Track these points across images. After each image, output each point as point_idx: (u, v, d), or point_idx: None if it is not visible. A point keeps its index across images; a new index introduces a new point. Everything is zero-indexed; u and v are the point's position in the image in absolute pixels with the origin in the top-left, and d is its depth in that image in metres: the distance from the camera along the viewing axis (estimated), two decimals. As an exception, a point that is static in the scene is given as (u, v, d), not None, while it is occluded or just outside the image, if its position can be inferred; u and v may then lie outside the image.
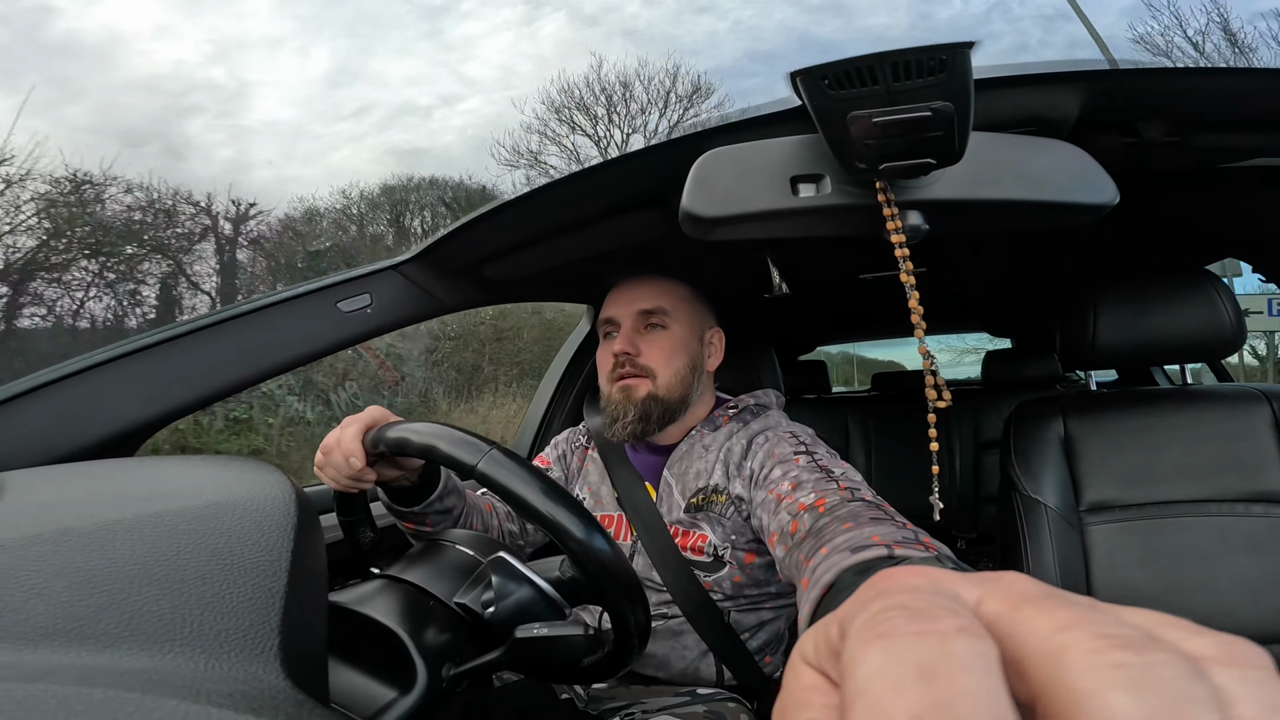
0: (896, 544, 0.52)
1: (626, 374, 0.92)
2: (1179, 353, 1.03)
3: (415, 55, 23.13)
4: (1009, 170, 0.51)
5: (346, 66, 20.72)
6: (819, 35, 22.73)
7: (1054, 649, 0.13)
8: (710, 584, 0.88)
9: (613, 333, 0.97)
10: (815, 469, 0.77)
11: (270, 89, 18.08)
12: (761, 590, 0.90)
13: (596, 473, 1.01)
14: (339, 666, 0.49)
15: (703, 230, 0.55)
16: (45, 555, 0.28)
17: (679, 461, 0.94)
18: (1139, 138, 0.66)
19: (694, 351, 0.96)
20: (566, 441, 1.10)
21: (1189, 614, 0.69)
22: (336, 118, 18.51)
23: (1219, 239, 1.16)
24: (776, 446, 0.86)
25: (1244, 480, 0.98)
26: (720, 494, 0.89)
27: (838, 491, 0.70)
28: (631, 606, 0.58)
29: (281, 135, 16.45)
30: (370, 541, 0.70)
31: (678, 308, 0.96)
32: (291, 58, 17.07)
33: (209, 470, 0.40)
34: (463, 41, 23.28)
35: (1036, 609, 0.14)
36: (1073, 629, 0.14)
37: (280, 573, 0.30)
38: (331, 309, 0.85)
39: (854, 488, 0.71)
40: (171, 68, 14.85)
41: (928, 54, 0.41)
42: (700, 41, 21.84)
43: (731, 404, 0.98)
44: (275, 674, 0.26)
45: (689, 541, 0.90)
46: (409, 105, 21.98)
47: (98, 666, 0.23)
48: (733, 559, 0.88)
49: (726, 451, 0.91)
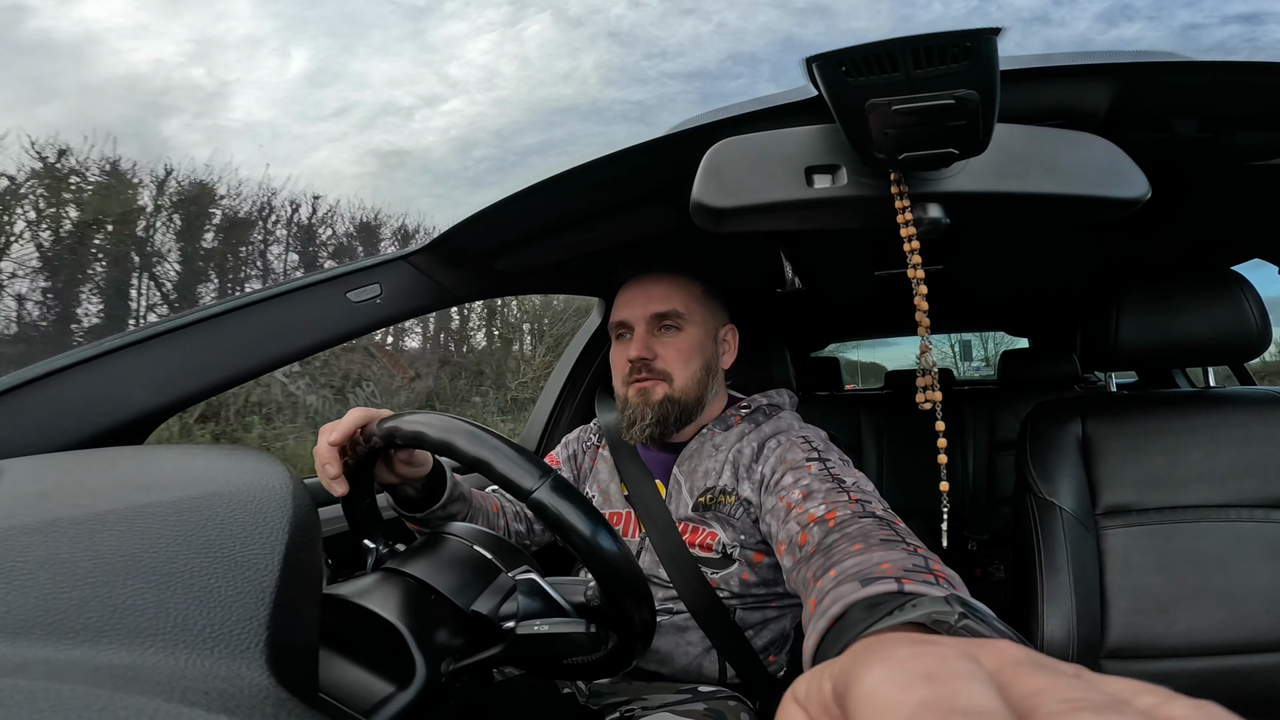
0: (906, 575, 0.50)
1: (643, 378, 0.92)
2: (1203, 354, 1.00)
3: (398, 55, 23.12)
4: (1035, 163, 0.50)
5: (327, 66, 20.70)
6: (802, 37, 22.60)
7: (1024, 711, 0.15)
8: (717, 581, 0.88)
9: (625, 335, 0.96)
10: (827, 477, 0.76)
11: (250, 89, 18.06)
12: (769, 589, 0.89)
13: (606, 471, 1.01)
14: (337, 659, 0.48)
15: (714, 222, 0.53)
16: (32, 545, 0.27)
17: (688, 460, 0.94)
18: (1171, 133, 0.63)
19: (709, 351, 0.95)
20: (577, 441, 1.10)
21: (1204, 620, 0.67)
22: (317, 118, 18.49)
23: (1246, 239, 1.13)
24: (789, 452, 0.84)
25: (1265, 485, 0.95)
26: (729, 495, 0.88)
27: (849, 504, 0.69)
28: (637, 605, 0.57)
29: (260, 136, 16.43)
30: (366, 511, 0.69)
31: (691, 308, 0.94)
32: (272, 57, 17.05)
33: (209, 460, 0.39)
34: (446, 42, 23.28)
35: (1018, 673, 0.16)
36: (1044, 693, 0.15)
37: (272, 567, 0.30)
38: (341, 299, 0.85)
39: (865, 500, 0.70)
40: (150, 67, 14.83)
41: (952, 40, 0.39)
42: (684, 43, 21.74)
43: (744, 403, 0.97)
44: (259, 671, 0.25)
45: (698, 538, 0.89)
46: (391, 106, 21.92)
47: (73, 661, 0.22)
48: (741, 557, 0.87)
49: (736, 453, 0.90)
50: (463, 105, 21.66)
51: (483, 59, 21.91)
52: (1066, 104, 0.59)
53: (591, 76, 35.50)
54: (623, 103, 36.03)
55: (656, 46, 30.45)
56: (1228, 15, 31.75)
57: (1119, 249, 1.21)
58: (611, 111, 34.95)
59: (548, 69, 27.30)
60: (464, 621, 0.54)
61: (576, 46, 27.42)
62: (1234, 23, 26.18)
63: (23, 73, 11.88)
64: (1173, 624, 0.92)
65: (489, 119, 24.66)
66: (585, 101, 33.84)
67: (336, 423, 0.67)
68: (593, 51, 27.70)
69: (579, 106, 33.20)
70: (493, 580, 0.57)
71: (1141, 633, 0.93)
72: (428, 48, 22.28)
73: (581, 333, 1.55)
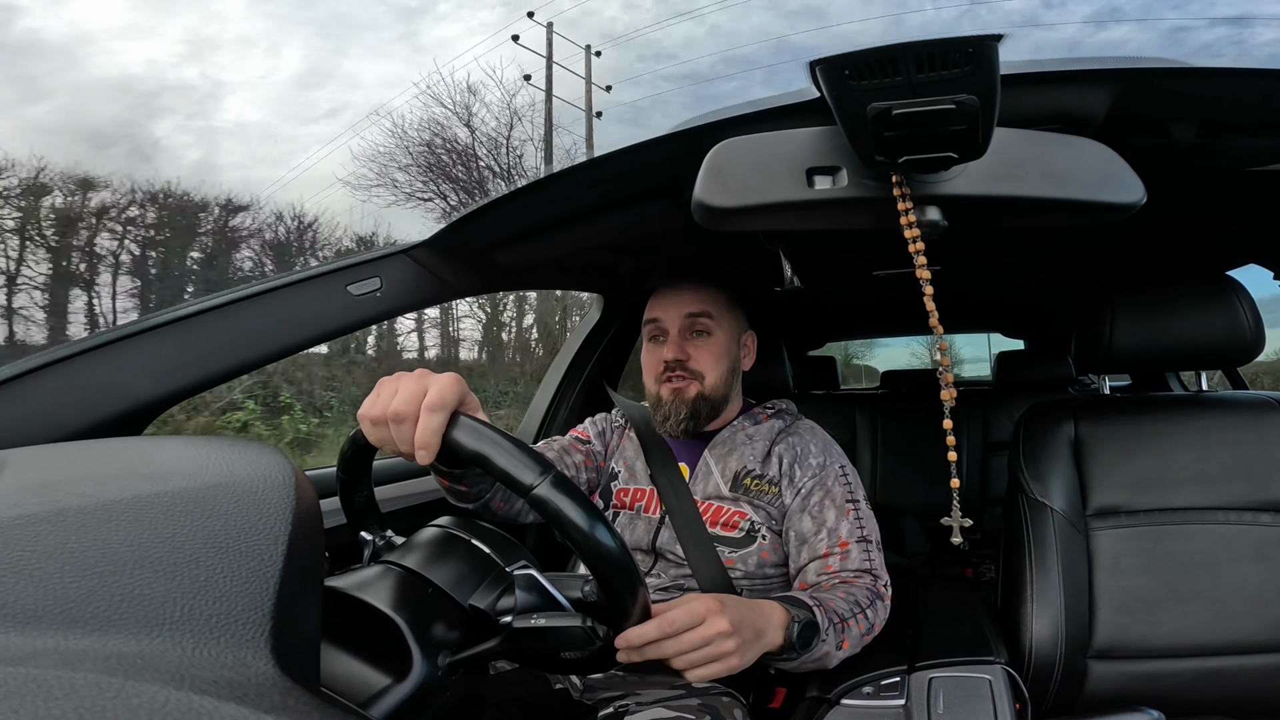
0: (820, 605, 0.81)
1: (676, 376, 1.00)
2: (1197, 358, 1.01)
3: (390, 57, 22.89)
4: (1033, 167, 0.50)
5: (319, 67, 20.41)
6: (794, 40, 22.61)
7: None
8: (733, 560, 0.95)
9: (659, 335, 1.04)
10: (857, 530, 0.93)
11: (242, 90, 17.70)
12: (779, 570, 0.96)
13: (632, 449, 1.08)
14: (335, 651, 0.48)
15: (715, 221, 0.54)
16: (39, 535, 0.27)
17: (721, 445, 1.03)
18: (1169, 138, 0.64)
19: (734, 354, 1.05)
20: (605, 420, 1.17)
21: (1190, 621, 0.69)
22: (308, 119, 18.14)
23: (1242, 244, 1.14)
24: (834, 487, 0.97)
25: (1254, 488, 0.96)
26: (765, 481, 0.99)
27: (855, 563, 0.91)
28: (634, 601, 0.57)
29: (250, 138, 16.11)
30: (363, 502, 0.69)
31: (720, 312, 1.03)
32: (263, 58, 16.72)
33: (211, 451, 0.40)
34: (439, 44, 23.06)
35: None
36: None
37: (276, 557, 0.30)
38: (342, 292, 0.85)
39: (866, 561, 0.92)
40: (144, 68, 14.50)
41: (953, 45, 0.40)
42: (678, 45, 21.67)
43: (768, 404, 1.09)
44: (265, 660, 0.25)
45: (724, 517, 0.97)
46: (382, 107, 21.60)
47: (84, 650, 0.22)
48: (765, 536, 0.96)
49: (774, 446, 1.01)
50: (455, 106, 21.37)
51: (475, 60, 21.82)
52: (1065, 109, 0.59)
53: (585, 79, 35.01)
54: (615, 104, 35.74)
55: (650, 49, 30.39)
56: (1215, 18, 31.88)
57: (1115, 253, 1.22)
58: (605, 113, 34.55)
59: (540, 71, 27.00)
60: (461, 615, 0.55)
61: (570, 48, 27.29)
62: (1221, 25, 26.43)
63: (12, 73, 11.62)
64: (1159, 625, 0.93)
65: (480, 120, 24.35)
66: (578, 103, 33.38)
67: (441, 396, 0.55)
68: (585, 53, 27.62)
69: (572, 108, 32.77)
70: (490, 574, 0.58)
71: (1129, 633, 0.94)
72: (420, 49, 22.10)
73: (579, 329, 1.55)
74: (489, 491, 0.86)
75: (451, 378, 0.58)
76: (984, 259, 1.33)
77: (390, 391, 0.58)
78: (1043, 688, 0.93)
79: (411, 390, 0.56)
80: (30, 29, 12.59)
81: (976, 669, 0.81)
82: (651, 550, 0.99)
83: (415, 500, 1.18)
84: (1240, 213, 0.96)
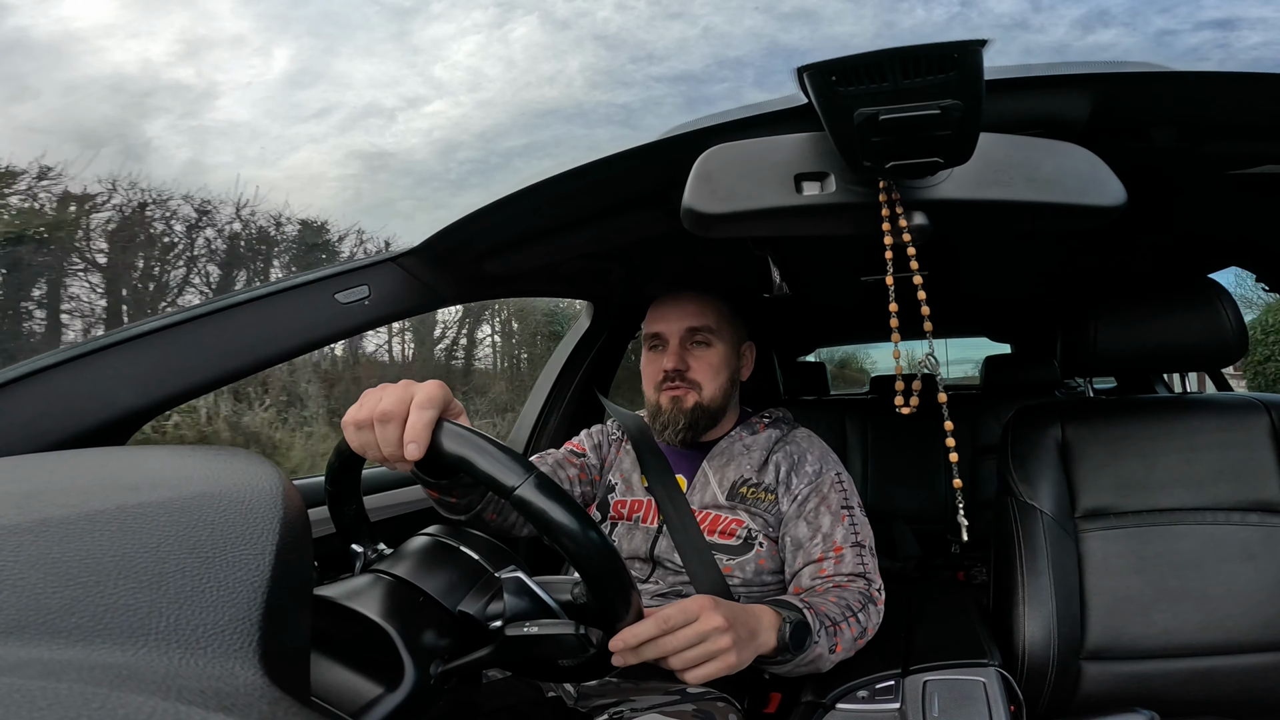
0: (810, 608, 0.82)
1: (675, 386, 1.01)
2: (1180, 360, 1.02)
3: (382, 56, 22.84)
4: (1018, 171, 0.51)
5: (310, 67, 20.30)
6: (787, 42, 22.83)
7: None
8: (731, 568, 0.95)
9: (659, 346, 1.04)
10: (851, 536, 0.93)
11: (233, 90, 17.54)
12: (776, 577, 0.96)
13: (629, 461, 1.08)
14: (326, 661, 0.48)
15: (704, 227, 0.54)
16: (22, 546, 0.27)
17: (720, 456, 1.03)
18: (1150, 142, 0.65)
19: (734, 365, 1.06)
20: (601, 432, 1.17)
21: (1181, 621, 0.69)
22: (298, 119, 18.04)
23: (1224, 247, 1.16)
24: (830, 494, 0.97)
25: (1240, 489, 0.97)
26: (762, 489, 0.99)
27: (849, 567, 0.91)
28: (623, 601, 0.57)
29: (239, 137, 15.93)
30: (353, 514, 0.68)
31: (721, 325, 1.03)
32: (254, 57, 16.59)
33: (197, 461, 0.39)
34: (431, 43, 23.04)
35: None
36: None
37: (264, 567, 0.30)
38: (329, 300, 0.84)
39: (860, 565, 0.92)
40: (137, 67, 14.35)
41: (938, 51, 0.40)
42: (671, 47, 21.82)
43: (765, 414, 1.09)
44: (253, 671, 0.25)
45: (723, 525, 0.97)
46: (373, 107, 21.45)
47: (68, 661, 0.22)
48: (762, 544, 0.96)
49: (772, 455, 1.01)
50: (447, 107, 21.47)
51: (468, 61, 21.89)
52: (1049, 113, 0.60)
53: (577, 79, 35.43)
54: (608, 105, 36.02)
55: (643, 50, 30.78)
56: (1201, 21, 32.79)
57: (1099, 256, 1.23)
58: (596, 114, 34.87)
59: (533, 71, 27.27)
60: (451, 622, 0.54)
61: (563, 49, 27.60)
62: (1207, 29, 27.26)
63: (2, 71, 11.48)
64: (1151, 625, 0.94)
65: (473, 121, 24.39)
66: (570, 104, 33.75)
67: (429, 393, 0.57)
68: (579, 54, 27.97)
69: (564, 109, 33.11)
70: (479, 580, 0.57)
71: (1121, 634, 0.94)
72: (412, 49, 22.13)
73: (569, 337, 1.55)
74: (480, 502, 0.85)
75: (436, 383, 0.59)
76: (971, 264, 1.35)
77: (375, 397, 0.60)
78: (1037, 690, 0.93)
79: (398, 394, 0.58)
80: (18, 26, 12.45)
81: (971, 671, 0.82)
82: (650, 558, 0.99)
83: (404, 510, 1.17)
84: (1222, 216, 0.98)
